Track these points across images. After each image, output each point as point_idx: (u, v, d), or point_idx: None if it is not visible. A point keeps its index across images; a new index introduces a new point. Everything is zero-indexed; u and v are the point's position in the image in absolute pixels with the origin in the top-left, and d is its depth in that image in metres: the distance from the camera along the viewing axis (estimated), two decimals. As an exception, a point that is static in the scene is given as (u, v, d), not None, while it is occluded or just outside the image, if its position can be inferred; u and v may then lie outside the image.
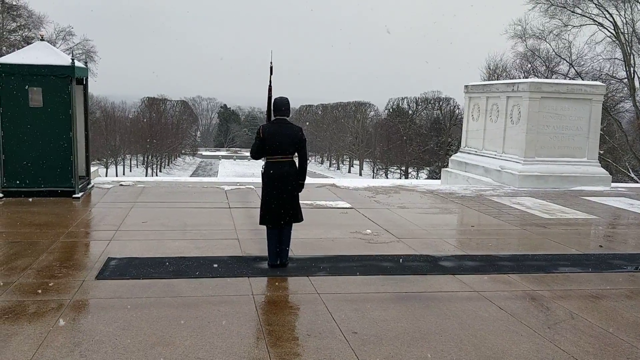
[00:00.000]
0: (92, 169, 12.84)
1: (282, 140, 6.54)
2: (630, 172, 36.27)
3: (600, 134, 17.48)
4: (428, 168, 69.37)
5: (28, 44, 33.58)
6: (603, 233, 9.69)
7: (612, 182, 15.55)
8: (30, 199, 10.40)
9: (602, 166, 15.88)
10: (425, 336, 4.96)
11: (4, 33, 44.04)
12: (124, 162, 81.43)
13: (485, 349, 4.75)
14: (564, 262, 7.46)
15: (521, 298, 6.02)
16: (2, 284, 5.94)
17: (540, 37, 39.97)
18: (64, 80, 10.49)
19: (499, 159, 15.73)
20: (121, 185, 12.54)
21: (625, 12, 36.06)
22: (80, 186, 10.96)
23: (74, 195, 10.66)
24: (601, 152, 22.40)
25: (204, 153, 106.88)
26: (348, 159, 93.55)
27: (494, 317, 5.44)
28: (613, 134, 37.64)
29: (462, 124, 19.35)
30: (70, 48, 48.22)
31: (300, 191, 6.79)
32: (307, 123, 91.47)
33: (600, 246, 8.51)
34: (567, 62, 39.87)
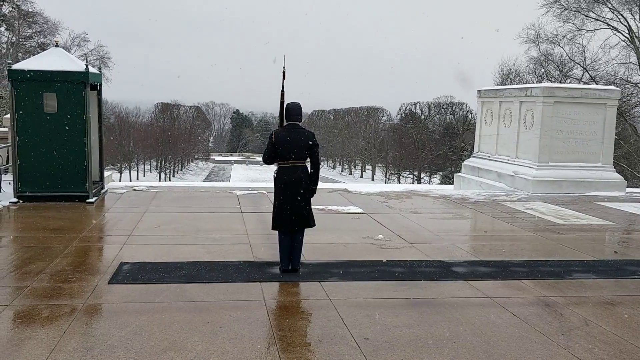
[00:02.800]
0: (106, 174, 12.93)
1: (294, 145, 6.55)
2: (646, 177, 35.91)
3: (615, 138, 17.31)
4: (441, 173, 69.08)
5: (43, 50, 33.93)
6: (618, 239, 9.60)
7: (627, 187, 15.41)
8: (45, 204, 10.48)
9: (616, 171, 15.75)
10: (438, 342, 4.93)
11: (20, 39, 44.54)
12: (137, 167, 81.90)
13: (498, 355, 4.71)
14: (578, 268, 7.40)
15: (535, 304, 5.97)
16: (16, 287, 5.99)
17: (553, 41, 39.85)
18: (78, 86, 10.58)
19: (512, 164, 15.64)
20: (134, 190, 12.61)
21: (640, 15, 35.84)
22: (94, 191, 11.04)
23: (87, 200, 10.74)
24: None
25: (217, 158, 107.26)
26: (360, 164, 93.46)
27: (507, 324, 5.40)
28: (628, 139, 37.31)
29: (475, 129, 19.27)
30: (85, 54, 48.72)
31: (312, 196, 6.79)
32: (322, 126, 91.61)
33: (615, 252, 8.43)
34: (581, 66, 39.66)
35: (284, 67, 7.13)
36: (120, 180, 58.88)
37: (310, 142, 6.61)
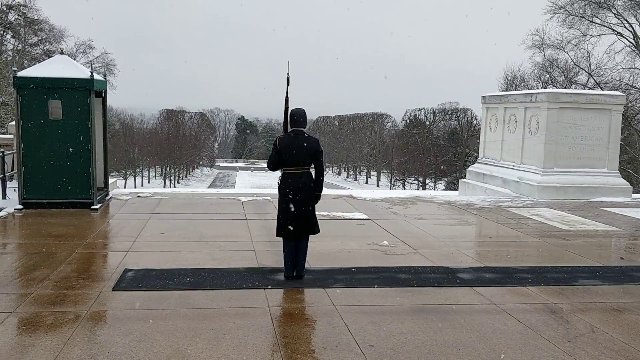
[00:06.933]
0: (111, 180, 12.95)
1: (298, 152, 6.54)
2: (652, 182, 35.74)
3: (620, 144, 17.26)
4: (445, 179, 69.05)
5: (49, 57, 34.08)
6: (624, 245, 9.55)
7: (633, 192, 15.34)
8: (49, 211, 10.49)
9: (622, 177, 15.68)
10: (443, 349, 4.89)
11: (26, 47, 44.76)
12: (142, 174, 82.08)
13: (503, 363, 4.68)
14: (584, 274, 7.35)
15: (540, 311, 5.93)
16: (20, 294, 5.98)
17: (558, 47, 39.82)
18: (83, 93, 10.61)
19: (517, 169, 15.60)
20: (139, 196, 12.62)
21: (645, 21, 35.78)
22: (98, 198, 11.06)
23: (92, 207, 10.75)
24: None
25: (222, 164, 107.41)
26: (365, 170, 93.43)
27: (512, 331, 5.36)
28: (633, 144, 37.19)
29: (479, 135, 19.24)
30: (90, 61, 48.87)
31: (316, 203, 6.77)
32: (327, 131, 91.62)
33: (622, 258, 8.38)
34: (586, 72, 39.61)
35: (288, 74, 7.12)
36: (125, 187, 59.04)
37: (315, 149, 6.60)
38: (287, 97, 7.02)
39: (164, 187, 75.11)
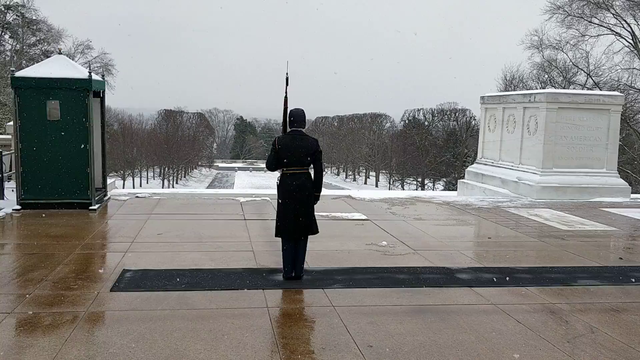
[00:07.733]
0: (109, 180, 12.92)
1: (297, 152, 6.53)
2: (650, 183, 35.76)
3: (619, 144, 17.26)
4: (444, 179, 69.09)
5: (47, 57, 34.02)
6: (623, 245, 9.55)
7: (632, 193, 15.34)
8: (48, 211, 10.47)
9: (621, 177, 15.68)
10: (442, 350, 4.88)
11: (24, 47, 44.72)
12: (140, 174, 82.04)
13: (503, 363, 4.67)
14: (583, 274, 7.35)
15: (539, 311, 5.92)
16: (18, 295, 5.97)
17: (557, 47, 39.85)
18: (82, 93, 10.59)
19: (516, 170, 15.59)
20: (137, 197, 12.60)
21: (643, 21, 35.81)
22: (96, 198, 11.04)
23: (90, 207, 10.73)
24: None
25: (220, 165, 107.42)
26: (364, 171, 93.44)
27: (511, 331, 5.35)
28: (632, 145, 37.23)
29: (478, 135, 19.24)
30: (89, 61, 48.85)
31: (315, 203, 6.76)
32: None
33: (621, 258, 8.38)
34: (584, 72, 39.64)
35: (287, 74, 7.09)
36: (123, 187, 58.97)
37: (314, 149, 6.59)
38: (285, 97, 7.00)
39: (163, 187, 75.06)
